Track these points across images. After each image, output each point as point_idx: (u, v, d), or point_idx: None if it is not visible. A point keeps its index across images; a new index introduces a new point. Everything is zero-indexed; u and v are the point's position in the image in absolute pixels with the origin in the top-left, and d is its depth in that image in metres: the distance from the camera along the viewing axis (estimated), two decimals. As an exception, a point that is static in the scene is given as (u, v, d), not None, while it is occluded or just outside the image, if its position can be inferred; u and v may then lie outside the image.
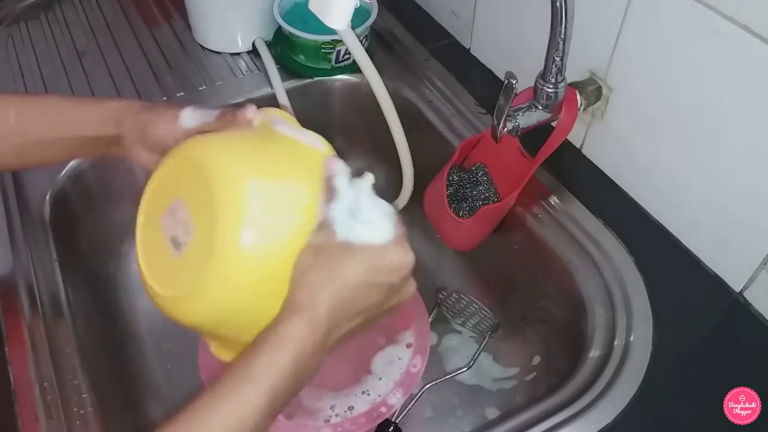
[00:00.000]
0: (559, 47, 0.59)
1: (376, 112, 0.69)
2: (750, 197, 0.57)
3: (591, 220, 0.67)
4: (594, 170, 0.72)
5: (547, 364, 0.72)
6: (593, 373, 0.57)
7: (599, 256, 0.64)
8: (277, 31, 0.88)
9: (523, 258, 0.72)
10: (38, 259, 0.66)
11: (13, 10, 0.97)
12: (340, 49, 0.83)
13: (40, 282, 0.64)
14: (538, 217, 0.69)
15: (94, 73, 0.86)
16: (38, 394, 0.54)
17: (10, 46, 0.91)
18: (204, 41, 0.91)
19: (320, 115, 0.90)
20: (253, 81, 0.86)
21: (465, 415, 0.74)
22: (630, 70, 0.64)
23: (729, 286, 0.62)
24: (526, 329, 0.76)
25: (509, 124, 0.63)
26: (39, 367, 0.57)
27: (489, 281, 0.81)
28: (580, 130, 0.72)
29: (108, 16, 0.97)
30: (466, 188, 0.71)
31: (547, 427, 0.53)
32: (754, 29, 0.51)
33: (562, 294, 0.67)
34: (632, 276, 0.62)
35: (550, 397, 0.56)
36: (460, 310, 0.77)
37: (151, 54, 0.90)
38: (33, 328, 0.59)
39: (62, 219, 0.72)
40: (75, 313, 0.63)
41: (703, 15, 0.54)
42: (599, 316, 0.61)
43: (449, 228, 0.72)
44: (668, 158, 0.63)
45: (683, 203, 0.63)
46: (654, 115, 0.63)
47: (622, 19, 0.61)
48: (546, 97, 0.63)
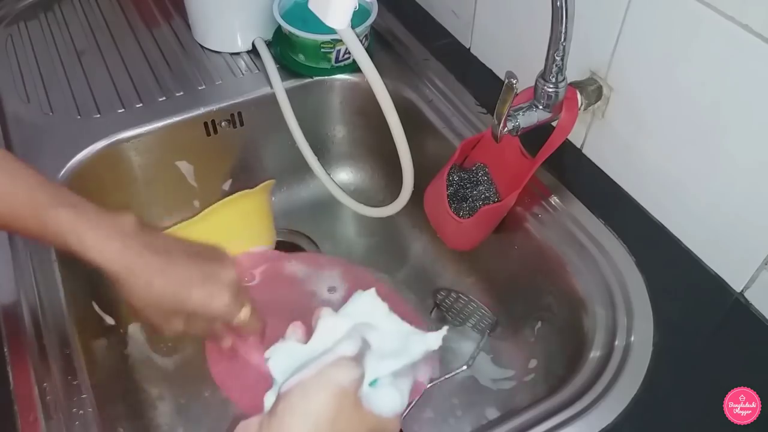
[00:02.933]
0: (559, 47, 0.59)
1: (376, 111, 0.69)
2: (751, 197, 0.57)
3: (591, 220, 0.67)
4: (594, 170, 0.72)
5: (547, 364, 0.72)
6: (594, 374, 0.57)
7: (600, 256, 0.64)
8: (276, 30, 0.88)
9: (523, 258, 0.72)
10: (38, 259, 0.65)
11: (12, 9, 0.97)
12: (340, 48, 0.83)
13: (39, 282, 0.63)
14: (538, 217, 0.69)
15: (94, 73, 0.86)
16: (38, 394, 0.54)
17: (9, 46, 0.91)
18: (203, 41, 0.91)
19: (320, 115, 0.90)
20: (253, 80, 0.85)
21: (465, 415, 0.74)
22: (631, 70, 0.64)
23: (729, 286, 0.62)
24: (527, 329, 0.76)
25: (510, 124, 0.63)
26: (39, 367, 0.56)
27: (489, 281, 0.81)
28: (580, 129, 0.72)
29: (107, 15, 0.97)
30: (467, 188, 0.71)
31: (547, 427, 0.53)
32: (755, 29, 0.51)
33: (562, 294, 0.66)
34: (633, 276, 0.62)
35: (551, 398, 0.56)
36: (459, 309, 0.77)
37: (150, 53, 0.90)
38: (33, 329, 0.59)
39: (62, 219, 0.71)
40: (74, 313, 0.63)
41: (703, 14, 0.54)
42: (600, 316, 0.61)
43: (449, 228, 0.72)
44: (669, 158, 0.63)
45: (684, 203, 0.63)
46: (655, 114, 0.63)
47: (623, 18, 0.61)
48: (546, 97, 0.63)
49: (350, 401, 0.41)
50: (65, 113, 0.80)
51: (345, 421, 0.41)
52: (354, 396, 0.42)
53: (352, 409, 0.41)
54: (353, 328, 0.47)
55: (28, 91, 0.83)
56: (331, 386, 0.41)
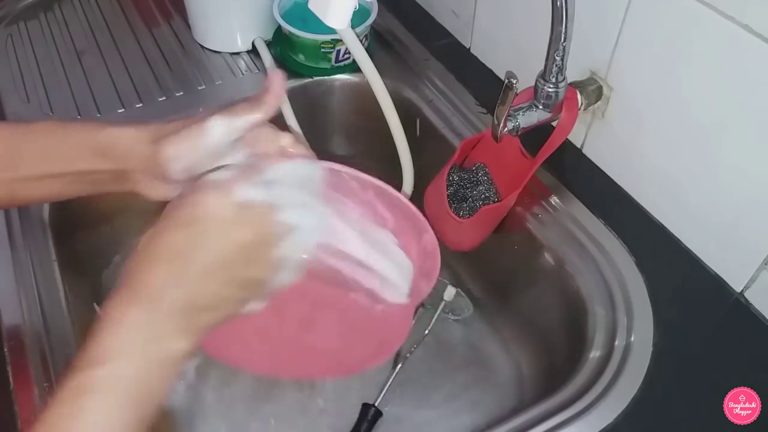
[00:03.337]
0: (559, 47, 0.59)
1: (376, 111, 0.69)
2: (751, 197, 0.57)
3: (591, 220, 0.67)
4: (595, 170, 0.72)
5: (547, 364, 0.72)
6: (594, 374, 0.57)
7: (600, 256, 0.64)
8: (276, 30, 0.88)
9: (523, 258, 0.72)
10: (37, 259, 0.65)
11: (12, 9, 0.97)
12: (340, 48, 0.83)
13: (39, 282, 0.63)
14: (538, 217, 0.69)
15: (94, 73, 0.86)
16: (38, 394, 0.54)
17: (9, 45, 0.91)
18: (203, 41, 0.91)
19: (320, 115, 0.90)
20: (253, 80, 0.85)
21: (465, 415, 0.74)
22: (631, 70, 0.64)
23: (730, 286, 0.62)
24: (526, 329, 0.76)
25: (510, 124, 0.63)
26: (39, 368, 0.56)
27: (489, 281, 0.81)
28: (580, 129, 0.72)
29: (107, 15, 0.97)
30: (467, 188, 0.71)
31: (547, 427, 0.53)
32: (755, 29, 0.51)
33: (562, 294, 0.66)
34: (633, 276, 0.62)
35: (551, 398, 0.56)
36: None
37: (150, 53, 0.90)
38: (32, 329, 0.59)
39: (62, 219, 0.71)
40: (74, 313, 0.63)
41: (703, 14, 0.54)
42: (600, 316, 0.61)
43: (449, 228, 0.72)
44: (669, 158, 0.63)
45: (684, 203, 0.63)
46: (655, 114, 0.63)
47: (623, 18, 0.61)
48: (546, 97, 0.63)
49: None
50: (65, 113, 0.80)
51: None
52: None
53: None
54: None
55: (28, 91, 0.83)
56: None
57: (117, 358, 0.37)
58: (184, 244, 0.40)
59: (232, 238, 0.40)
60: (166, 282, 0.39)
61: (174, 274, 0.39)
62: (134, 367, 0.37)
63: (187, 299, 0.39)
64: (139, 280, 0.39)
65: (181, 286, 0.39)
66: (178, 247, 0.40)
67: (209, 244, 0.40)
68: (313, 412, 0.74)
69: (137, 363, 0.37)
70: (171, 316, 0.38)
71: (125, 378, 0.37)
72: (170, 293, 0.39)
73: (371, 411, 0.71)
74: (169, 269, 0.39)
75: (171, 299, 0.38)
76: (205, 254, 0.40)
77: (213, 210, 0.40)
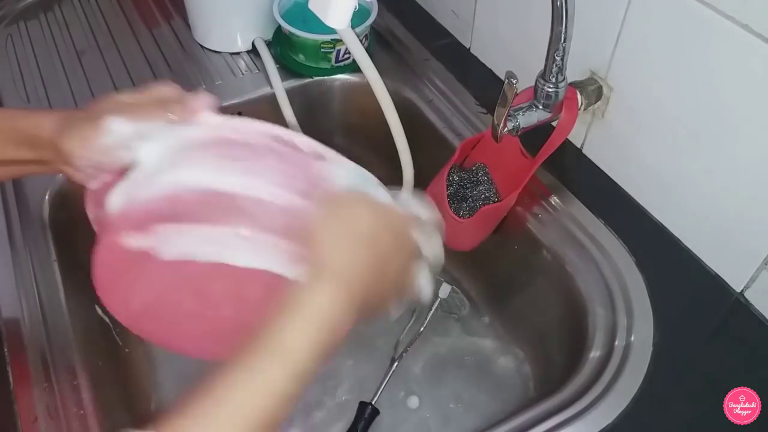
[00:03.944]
0: (559, 47, 0.59)
1: (376, 111, 0.69)
2: (750, 197, 0.57)
3: (591, 220, 0.67)
4: (594, 170, 0.72)
5: (547, 364, 0.72)
6: (594, 374, 0.57)
7: (599, 256, 0.64)
8: (276, 30, 0.88)
9: (524, 258, 0.72)
10: (37, 259, 0.65)
11: (12, 9, 0.97)
12: (340, 48, 0.83)
13: (39, 282, 0.63)
14: (538, 217, 0.69)
15: (94, 73, 0.86)
16: (38, 394, 0.54)
17: (10, 45, 0.91)
18: (203, 41, 0.91)
19: (320, 114, 0.90)
20: (253, 80, 0.85)
21: (465, 415, 0.74)
22: (631, 70, 0.64)
23: (729, 286, 0.62)
24: (526, 329, 0.76)
25: (510, 124, 0.63)
26: (39, 368, 0.56)
27: (489, 281, 0.81)
28: (580, 129, 0.72)
29: (107, 15, 0.97)
30: (467, 188, 0.71)
31: (547, 427, 0.53)
32: (755, 28, 0.51)
33: (562, 294, 0.66)
34: (633, 276, 0.62)
35: (551, 398, 0.56)
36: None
37: (150, 53, 0.90)
38: (32, 329, 0.59)
39: (61, 219, 0.72)
40: (74, 313, 0.63)
41: (703, 14, 0.54)
42: (600, 316, 0.61)
43: (449, 228, 0.71)
44: (669, 158, 0.63)
45: (684, 203, 0.63)
46: (655, 114, 0.63)
47: (623, 18, 0.61)
48: (546, 97, 0.63)
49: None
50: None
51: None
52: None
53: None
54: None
55: (28, 91, 0.83)
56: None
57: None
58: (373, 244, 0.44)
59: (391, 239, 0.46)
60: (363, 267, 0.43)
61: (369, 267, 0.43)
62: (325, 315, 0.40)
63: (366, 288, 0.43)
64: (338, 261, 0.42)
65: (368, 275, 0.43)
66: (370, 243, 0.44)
67: (382, 245, 0.45)
68: (309, 409, 0.74)
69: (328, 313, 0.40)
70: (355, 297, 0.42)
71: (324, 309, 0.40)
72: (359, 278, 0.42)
73: (368, 409, 0.71)
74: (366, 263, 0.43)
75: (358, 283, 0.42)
76: (381, 252, 0.45)
77: (377, 221, 0.45)
